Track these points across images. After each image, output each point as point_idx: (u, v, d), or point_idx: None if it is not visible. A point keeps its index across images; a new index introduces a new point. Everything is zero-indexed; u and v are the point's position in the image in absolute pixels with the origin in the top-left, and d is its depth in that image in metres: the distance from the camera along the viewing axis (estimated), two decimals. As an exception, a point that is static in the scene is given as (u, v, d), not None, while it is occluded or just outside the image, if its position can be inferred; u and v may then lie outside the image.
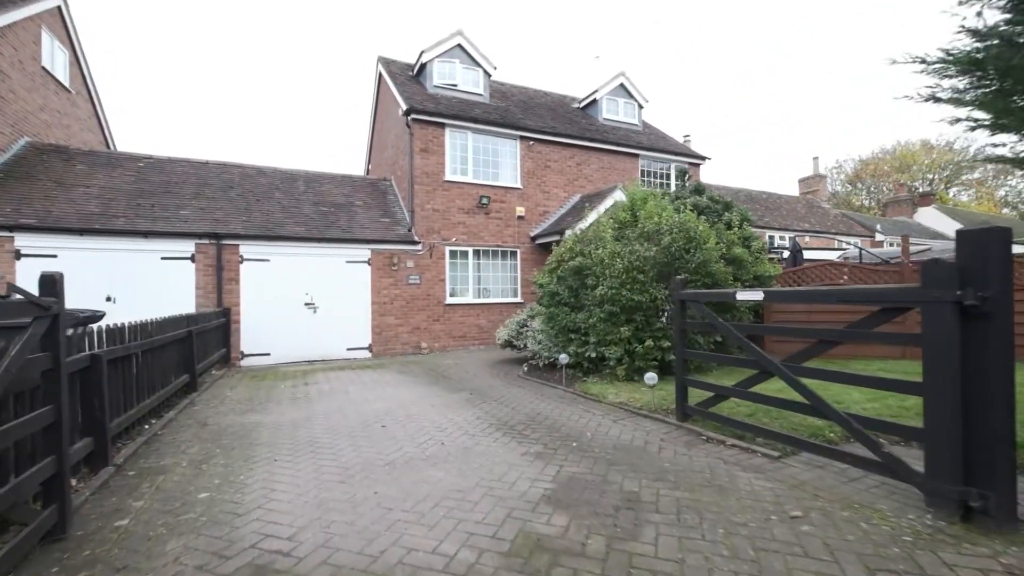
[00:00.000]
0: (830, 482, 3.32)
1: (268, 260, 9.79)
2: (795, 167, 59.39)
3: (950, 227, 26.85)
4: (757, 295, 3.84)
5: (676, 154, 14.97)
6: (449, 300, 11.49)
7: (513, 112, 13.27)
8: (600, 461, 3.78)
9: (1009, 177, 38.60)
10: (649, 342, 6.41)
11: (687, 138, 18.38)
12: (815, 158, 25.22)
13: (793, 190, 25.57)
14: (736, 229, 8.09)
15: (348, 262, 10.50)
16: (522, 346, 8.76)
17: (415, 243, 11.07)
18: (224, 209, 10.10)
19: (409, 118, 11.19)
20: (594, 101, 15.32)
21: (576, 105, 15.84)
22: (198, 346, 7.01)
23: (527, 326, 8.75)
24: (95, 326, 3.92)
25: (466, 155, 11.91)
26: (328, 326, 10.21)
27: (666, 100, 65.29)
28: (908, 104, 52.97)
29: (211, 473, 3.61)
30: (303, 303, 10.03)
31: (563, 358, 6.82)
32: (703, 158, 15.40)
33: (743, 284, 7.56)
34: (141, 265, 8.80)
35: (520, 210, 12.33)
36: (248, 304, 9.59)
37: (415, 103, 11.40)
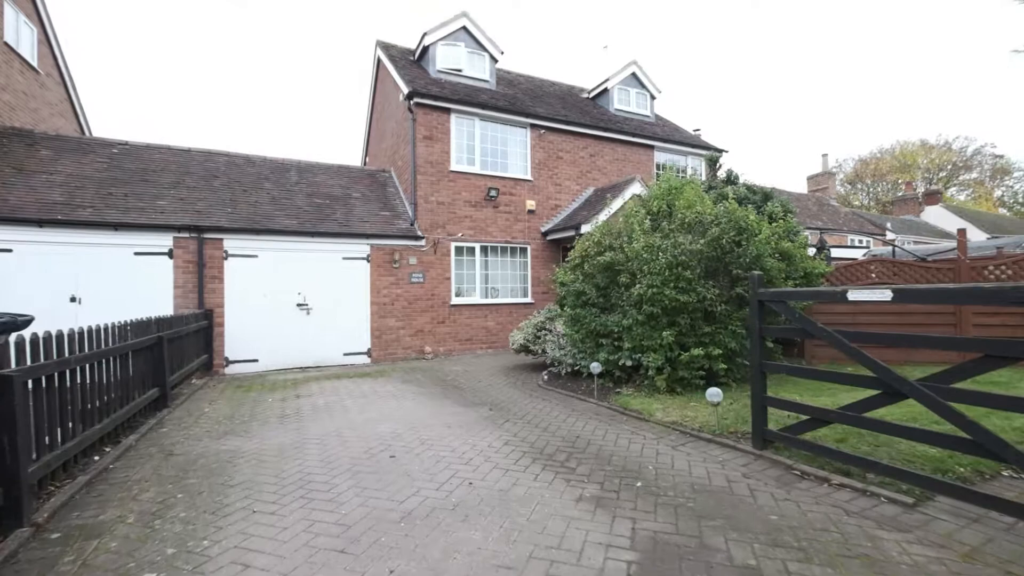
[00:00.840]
0: (1008, 547, 2.45)
1: (256, 256, 8.81)
2: (799, 164, 58.94)
3: (958, 226, 26.20)
4: (883, 295, 2.96)
5: (692, 146, 14.15)
6: (455, 300, 10.56)
7: (522, 99, 12.36)
8: (683, 512, 2.89)
9: (1006, 178, 38.31)
10: (697, 350, 5.52)
11: (697, 131, 17.55)
12: (824, 155, 24.45)
13: (798, 188, 24.85)
14: (780, 221, 7.24)
15: (345, 259, 9.53)
16: (539, 351, 7.86)
17: (418, 238, 10.12)
18: (207, 200, 9.10)
19: (411, 102, 10.25)
20: (605, 91, 14.45)
21: (586, 95, 14.96)
22: (172, 354, 6.05)
23: (546, 329, 7.85)
24: (17, 335, 2.97)
25: (473, 144, 10.98)
26: (323, 329, 9.24)
27: (671, 96, 64.74)
28: (908, 100, 52.66)
29: (165, 535, 2.66)
30: (295, 304, 9.06)
31: (595, 367, 5.92)
32: (721, 151, 14.56)
33: (794, 282, 6.71)
34: (111, 261, 7.80)
35: (531, 203, 11.43)
36: (233, 305, 8.60)
37: (418, 86, 10.46)
